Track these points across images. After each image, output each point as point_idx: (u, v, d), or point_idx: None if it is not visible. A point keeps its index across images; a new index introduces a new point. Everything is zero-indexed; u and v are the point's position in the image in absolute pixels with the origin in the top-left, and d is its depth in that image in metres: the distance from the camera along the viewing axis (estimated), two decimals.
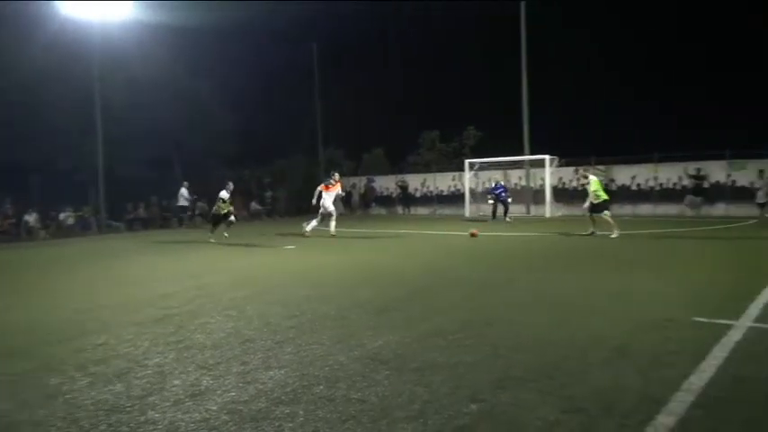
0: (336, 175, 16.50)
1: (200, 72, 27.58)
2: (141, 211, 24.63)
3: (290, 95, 34.36)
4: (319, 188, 15.96)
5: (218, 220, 15.80)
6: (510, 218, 20.86)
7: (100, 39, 21.93)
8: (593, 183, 14.49)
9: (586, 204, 14.57)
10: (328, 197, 16.05)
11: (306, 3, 33.71)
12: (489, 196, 21.61)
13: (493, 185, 22.06)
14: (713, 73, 33.60)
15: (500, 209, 20.96)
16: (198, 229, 20.96)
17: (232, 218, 15.78)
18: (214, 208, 16.08)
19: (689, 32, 35.07)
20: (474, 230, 15.09)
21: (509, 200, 21.14)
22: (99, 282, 9.53)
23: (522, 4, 24.97)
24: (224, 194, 15.68)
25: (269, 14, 30.37)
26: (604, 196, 14.47)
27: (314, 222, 16.02)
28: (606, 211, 14.33)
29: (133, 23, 22.81)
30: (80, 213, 22.80)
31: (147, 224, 24.18)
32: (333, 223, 15.86)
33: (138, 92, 24.43)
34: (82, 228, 22.26)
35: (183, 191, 23.57)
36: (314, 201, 16.02)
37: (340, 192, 16.82)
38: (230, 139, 29.41)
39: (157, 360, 4.82)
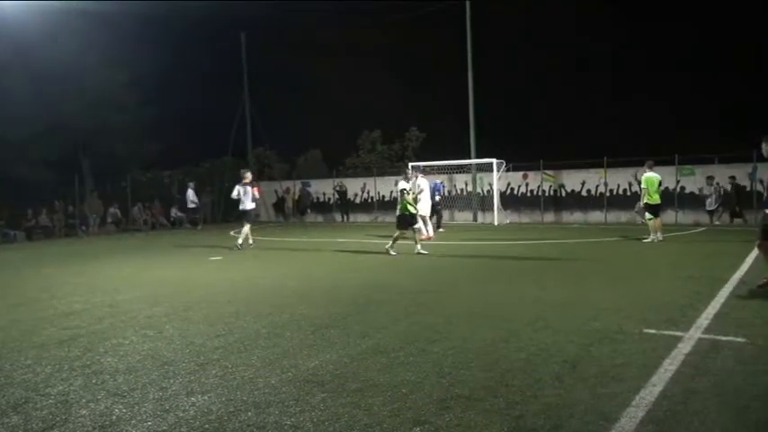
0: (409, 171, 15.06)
1: (112, 63, 26.60)
2: (43, 218, 23.55)
3: (217, 91, 33.80)
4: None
5: (406, 224, 13.14)
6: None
7: None
8: (645, 180, 14.69)
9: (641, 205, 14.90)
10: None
11: None
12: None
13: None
14: (661, 75, 35.42)
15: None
16: (204, 232, 20.21)
17: (420, 224, 13.16)
18: (399, 208, 13.37)
19: (637, 36, 36.83)
20: None
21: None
22: None
23: (467, 4, 25.55)
24: (405, 185, 13.33)
25: (193, 1, 29.77)
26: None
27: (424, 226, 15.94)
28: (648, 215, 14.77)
29: (32, 5, 21.80)
30: None
31: (49, 233, 23.15)
32: (424, 227, 15.97)
33: (40, 84, 23.36)
34: None
35: (190, 192, 24.32)
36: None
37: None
38: (147, 138, 28.55)
39: (61, 387, 4.62)
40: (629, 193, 22.96)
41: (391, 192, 28.29)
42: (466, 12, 25.67)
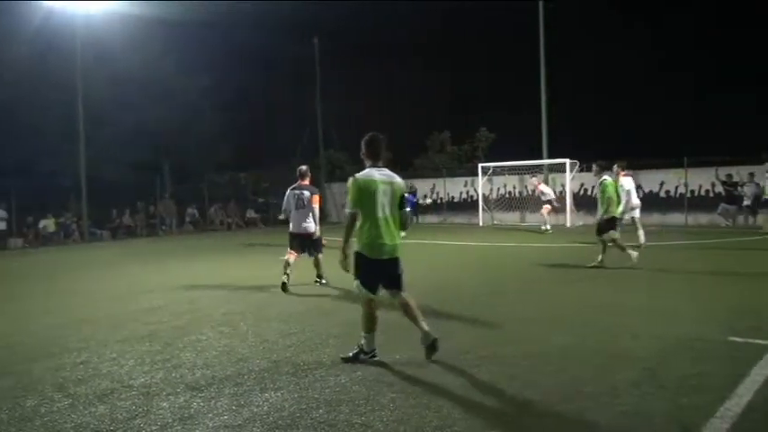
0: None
1: (191, 69, 27.72)
2: (126, 218, 24.72)
3: (290, 94, 34.47)
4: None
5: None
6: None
7: (83, 33, 22.05)
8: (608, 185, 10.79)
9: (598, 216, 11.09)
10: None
11: None
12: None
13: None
14: (748, 66, 33.47)
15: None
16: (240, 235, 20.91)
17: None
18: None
19: (718, 25, 35.07)
20: None
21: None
22: (80, 294, 9.54)
23: (541, 4, 25.06)
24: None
25: (267, 7, 30.52)
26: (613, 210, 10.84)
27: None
28: (612, 232, 10.84)
29: (119, 16, 22.94)
30: (61, 220, 22.82)
31: (132, 232, 24.27)
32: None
33: (125, 90, 24.56)
34: (63, 236, 22.33)
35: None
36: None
37: None
38: (224, 141, 29.48)
39: (143, 380, 4.82)
40: (711, 194, 21.89)
41: (461, 192, 28.07)
42: (539, 11, 25.18)
